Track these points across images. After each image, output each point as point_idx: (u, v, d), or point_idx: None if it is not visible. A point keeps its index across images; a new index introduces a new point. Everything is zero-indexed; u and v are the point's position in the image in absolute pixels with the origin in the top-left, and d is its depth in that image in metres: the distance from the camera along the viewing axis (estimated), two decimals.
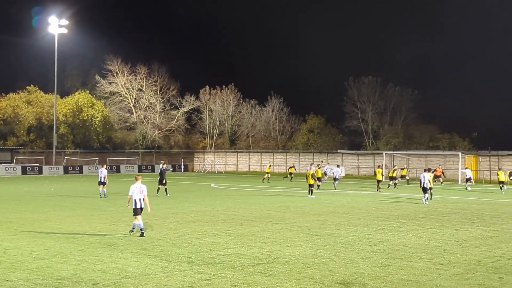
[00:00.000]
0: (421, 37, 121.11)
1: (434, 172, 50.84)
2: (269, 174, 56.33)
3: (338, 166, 53.07)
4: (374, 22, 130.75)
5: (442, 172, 53.39)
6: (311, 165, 40.58)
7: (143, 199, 18.99)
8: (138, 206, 18.87)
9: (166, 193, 36.03)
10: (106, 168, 36.97)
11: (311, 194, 35.75)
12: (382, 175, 43.73)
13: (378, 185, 42.64)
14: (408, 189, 44.60)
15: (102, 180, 35.31)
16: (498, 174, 45.20)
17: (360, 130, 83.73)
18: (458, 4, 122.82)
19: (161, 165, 38.64)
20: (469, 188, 45.00)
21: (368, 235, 19.38)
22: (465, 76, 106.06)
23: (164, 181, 36.20)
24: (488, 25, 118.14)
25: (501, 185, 43.49)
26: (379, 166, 47.09)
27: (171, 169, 77.96)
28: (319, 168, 46.13)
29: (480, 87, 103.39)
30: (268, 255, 15.57)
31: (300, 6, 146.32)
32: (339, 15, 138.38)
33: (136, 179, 19.32)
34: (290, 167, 60.31)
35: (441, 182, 51.29)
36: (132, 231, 19.20)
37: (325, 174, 53.80)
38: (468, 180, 47.82)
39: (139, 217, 18.78)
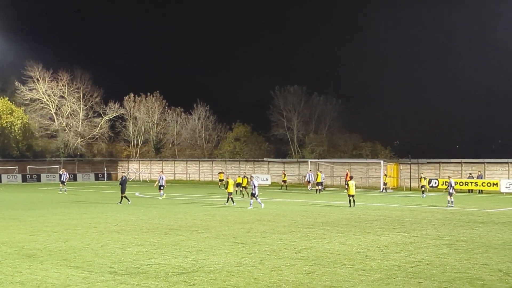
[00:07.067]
0: (345, 47, 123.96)
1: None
2: (223, 181, 57.06)
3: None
4: (299, 32, 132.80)
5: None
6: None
7: None
8: None
9: (124, 200, 36.53)
10: None
11: (232, 202, 35.80)
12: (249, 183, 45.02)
13: (243, 191, 45.00)
14: (332, 196, 45.33)
15: None
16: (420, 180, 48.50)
17: (286, 138, 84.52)
18: (381, 18, 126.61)
19: (124, 176, 38.61)
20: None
21: (293, 242, 19.54)
22: (386, 87, 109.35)
23: (124, 190, 36.80)
24: (409, 37, 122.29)
25: (423, 189, 47.09)
26: (244, 175, 46.98)
27: (130, 179, 76.13)
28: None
29: (400, 97, 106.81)
30: (192, 264, 15.44)
31: (226, 14, 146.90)
32: (264, 24, 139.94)
33: None
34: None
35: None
36: None
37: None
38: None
39: None
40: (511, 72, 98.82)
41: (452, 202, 35.23)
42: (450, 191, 35.51)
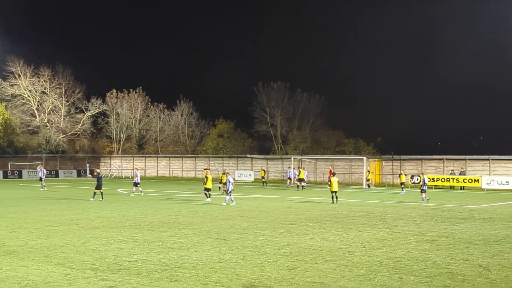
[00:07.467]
0: (328, 44, 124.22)
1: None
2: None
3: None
4: (282, 29, 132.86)
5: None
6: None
7: None
8: None
9: (98, 196, 37.10)
10: None
11: (207, 197, 36.06)
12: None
13: (224, 188, 44.43)
14: (315, 193, 45.43)
15: None
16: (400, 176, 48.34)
17: (269, 135, 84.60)
18: (365, 15, 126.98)
19: (100, 172, 39.45)
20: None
21: (275, 238, 19.55)
22: (369, 84, 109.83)
23: (100, 186, 37.20)
24: (392, 34, 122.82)
25: (402, 186, 46.82)
26: (224, 172, 46.54)
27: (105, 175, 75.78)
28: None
29: (383, 94, 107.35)
30: (175, 261, 15.39)
31: (210, 11, 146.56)
32: (248, 20, 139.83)
33: None
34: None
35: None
36: None
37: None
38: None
39: None
40: (493, 69, 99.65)
41: (425, 197, 35.47)
42: (423, 188, 35.74)
